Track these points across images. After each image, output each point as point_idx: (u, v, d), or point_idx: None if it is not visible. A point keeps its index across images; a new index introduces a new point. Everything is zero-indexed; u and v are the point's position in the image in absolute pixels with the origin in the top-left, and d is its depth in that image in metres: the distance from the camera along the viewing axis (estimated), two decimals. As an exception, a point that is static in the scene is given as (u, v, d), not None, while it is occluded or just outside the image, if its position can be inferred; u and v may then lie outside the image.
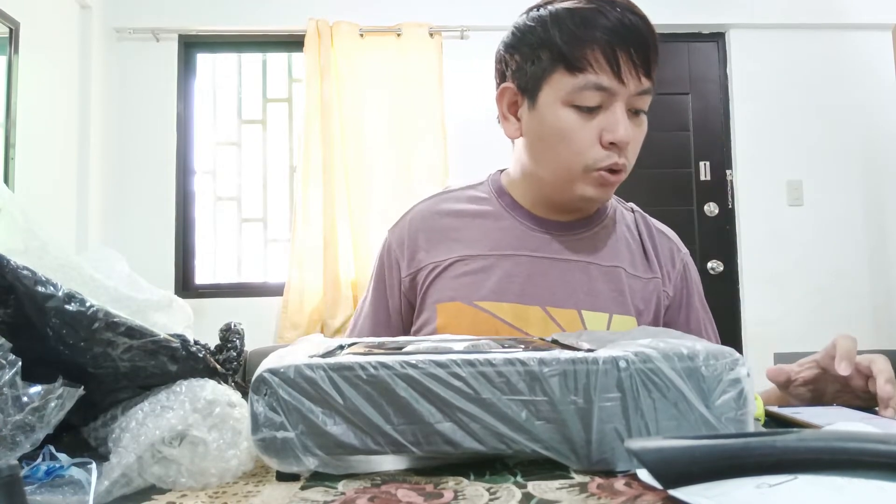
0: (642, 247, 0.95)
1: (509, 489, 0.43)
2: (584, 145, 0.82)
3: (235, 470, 0.47)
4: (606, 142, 0.82)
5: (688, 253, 0.99)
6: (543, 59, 0.83)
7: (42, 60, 2.67)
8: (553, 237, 0.92)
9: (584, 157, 0.83)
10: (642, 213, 1.00)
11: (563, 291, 0.89)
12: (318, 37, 3.12)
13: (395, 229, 0.98)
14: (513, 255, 0.90)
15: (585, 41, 0.80)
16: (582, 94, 0.81)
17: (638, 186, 3.30)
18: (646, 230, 0.97)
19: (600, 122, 0.82)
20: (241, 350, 0.60)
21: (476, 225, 0.93)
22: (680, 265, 0.96)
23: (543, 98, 0.84)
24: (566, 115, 0.82)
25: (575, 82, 0.81)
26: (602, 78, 0.80)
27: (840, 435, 0.37)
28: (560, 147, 0.84)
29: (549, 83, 0.83)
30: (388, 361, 0.46)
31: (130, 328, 0.49)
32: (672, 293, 0.95)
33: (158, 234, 3.12)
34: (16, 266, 0.46)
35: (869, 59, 3.31)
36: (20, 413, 0.44)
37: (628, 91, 0.81)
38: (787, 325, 3.16)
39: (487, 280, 0.89)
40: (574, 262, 0.91)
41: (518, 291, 0.89)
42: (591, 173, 0.83)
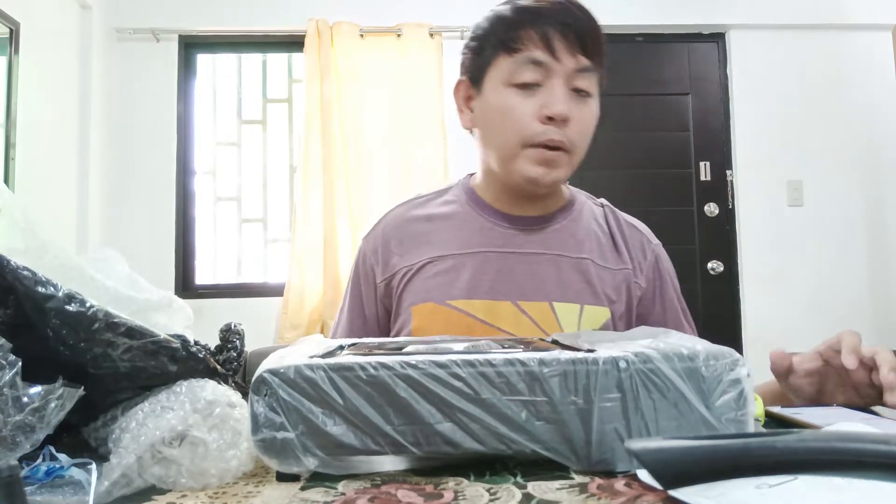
0: (612, 239, 0.97)
1: (509, 489, 0.43)
2: (523, 121, 0.85)
3: (235, 470, 0.47)
4: (544, 116, 0.84)
5: (660, 244, 1.00)
6: (487, 49, 0.89)
7: (42, 60, 2.67)
8: (520, 232, 0.94)
9: (523, 132, 0.86)
10: (612, 208, 1.02)
11: (532, 285, 0.91)
12: (318, 37, 3.11)
13: (369, 237, 1.00)
14: (482, 253, 0.92)
15: (519, 24, 0.86)
16: (520, 70, 0.85)
17: (638, 186, 3.32)
18: (615, 223, 0.98)
19: (539, 98, 0.85)
20: (241, 350, 0.60)
21: (446, 227, 0.96)
22: (651, 256, 0.98)
23: (488, 84, 0.89)
24: (508, 93, 0.87)
25: (512, 61, 0.86)
26: (536, 53, 0.85)
27: (840, 435, 0.37)
28: (502, 125, 0.88)
29: (493, 69, 0.88)
30: (388, 362, 0.46)
31: (130, 328, 0.49)
32: (644, 284, 0.96)
33: (158, 234, 3.12)
34: (16, 266, 0.46)
35: (869, 59, 3.31)
36: (20, 413, 0.44)
37: (565, 68, 0.85)
38: (787, 325, 3.16)
39: (458, 279, 0.91)
40: (542, 255, 0.93)
41: (488, 288, 0.91)
42: (530, 149, 0.86)
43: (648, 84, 3.30)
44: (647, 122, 3.29)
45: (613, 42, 2.87)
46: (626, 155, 3.27)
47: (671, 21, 3.28)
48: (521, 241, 0.93)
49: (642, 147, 3.29)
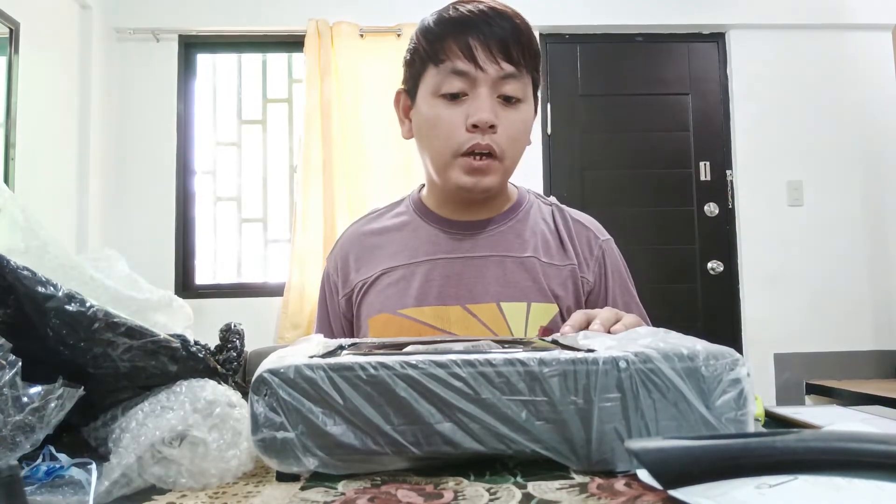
0: (558, 236, 0.98)
1: (509, 489, 0.43)
2: (451, 130, 0.87)
3: (235, 470, 0.47)
4: (469, 124, 0.86)
5: (610, 240, 1.01)
6: (417, 61, 0.92)
7: (42, 60, 2.67)
8: (466, 237, 0.96)
9: (451, 142, 0.88)
10: (560, 206, 1.03)
11: (479, 287, 0.93)
12: (318, 37, 3.12)
13: (331, 256, 1.04)
14: (430, 261, 0.95)
15: (442, 35, 0.88)
16: (444, 81, 0.87)
17: (638, 186, 3.32)
18: (562, 221, 1.00)
19: (465, 108, 0.87)
20: (241, 350, 0.60)
21: (397, 238, 0.98)
22: (598, 251, 0.99)
23: (420, 95, 0.92)
24: (436, 104, 0.89)
25: (438, 72, 0.88)
26: (458, 63, 0.86)
27: (840, 435, 0.37)
28: (433, 135, 0.90)
29: (423, 80, 0.91)
30: (388, 362, 0.46)
31: (130, 328, 0.49)
32: (592, 279, 0.97)
33: (158, 234, 3.12)
34: (16, 266, 0.46)
35: (869, 59, 3.31)
36: (20, 413, 0.44)
37: (488, 76, 0.86)
38: (787, 325, 3.16)
39: (409, 288, 0.94)
40: (488, 257, 0.95)
41: (437, 294, 0.93)
42: (459, 159, 0.88)
43: (648, 84, 3.30)
44: (647, 122, 3.29)
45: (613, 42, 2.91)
46: (626, 155, 3.27)
47: (671, 21, 3.28)
48: (469, 246, 0.95)
49: (642, 147, 3.29)
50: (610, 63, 3.32)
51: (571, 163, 3.25)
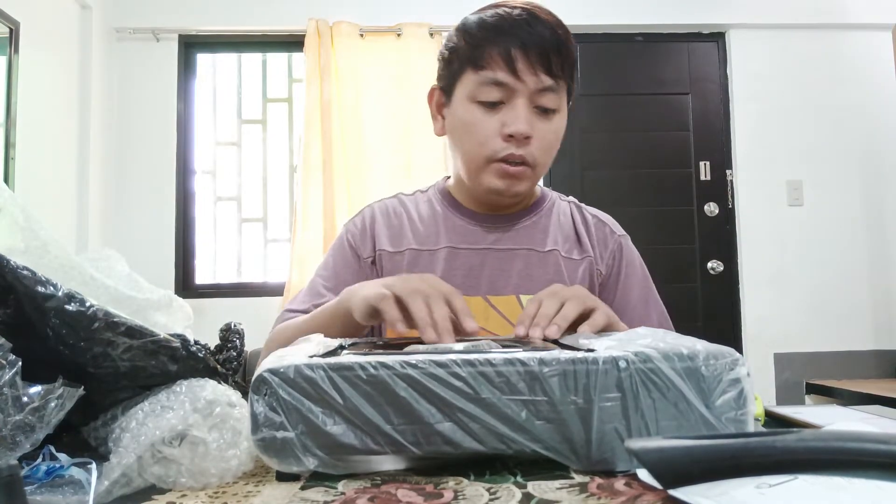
0: (575, 232, 1.01)
1: (509, 489, 0.43)
2: (485, 137, 0.89)
3: (235, 470, 0.47)
4: (505, 134, 0.88)
5: (626, 236, 1.04)
6: (455, 62, 0.92)
7: (42, 60, 2.67)
8: (491, 230, 0.99)
9: (485, 148, 0.89)
10: (578, 204, 1.06)
11: (501, 280, 0.96)
12: (318, 37, 3.11)
13: (355, 219, 1.04)
14: (453, 249, 0.97)
15: (485, 42, 0.88)
16: (483, 89, 0.88)
17: (638, 186, 3.32)
18: (580, 217, 1.03)
19: (502, 116, 0.88)
20: (241, 350, 0.60)
21: (422, 223, 1.01)
22: (614, 245, 1.01)
23: (456, 96, 0.93)
24: (472, 109, 0.90)
25: (477, 79, 0.89)
26: (499, 74, 0.87)
27: (840, 435, 0.37)
28: (466, 139, 0.92)
29: (461, 82, 0.92)
30: (388, 361, 0.46)
31: (130, 328, 0.49)
32: (604, 271, 1.00)
33: (158, 234, 3.12)
34: (16, 266, 0.46)
35: (869, 59, 3.31)
36: (20, 413, 0.44)
37: (528, 88, 0.87)
38: (787, 325, 3.16)
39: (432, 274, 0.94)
40: (513, 250, 0.97)
41: (460, 283, 0.94)
42: (493, 164, 0.90)
43: (648, 84, 3.30)
44: (647, 122, 3.29)
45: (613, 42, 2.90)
46: (626, 155, 3.27)
47: (671, 21, 3.27)
48: (493, 239, 0.98)
49: (642, 147, 3.28)
50: (610, 63, 3.32)
51: (571, 163, 3.25)
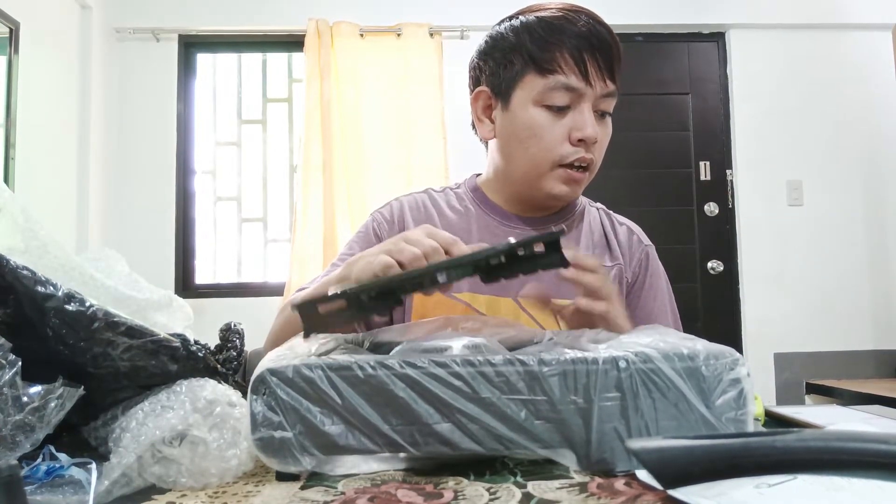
0: (605, 238, 1.01)
1: (509, 489, 0.43)
2: (554, 141, 0.88)
3: (235, 470, 0.47)
4: (575, 139, 0.87)
5: (652, 246, 1.04)
6: (516, 63, 0.89)
7: (42, 60, 2.67)
8: (523, 231, 0.97)
9: (553, 153, 0.88)
10: (606, 210, 1.06)
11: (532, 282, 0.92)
12: (318, 37, 3.11)
13: (384, 208, 1.04)
14: None
15: (554, 45, 0.86)
16: (552, 93, 0.87)
17: (638, 186, 3.31)
18: (609, 223, 1.03)
19: (569, 120, 0.88)
20: (241, 350, 0.60)
21: (453, 220, 0.99)
22: (641, 253, 1.02)
23: (516, 99, 0.90)
24: (537, 113, 0.88)
25: (545, 83, 0.87)
26: (570, 79, 0.86)
27: (840, 435, 0.37)
28: (531, 144, 0.89)
29: (522, 85, 0.89)
30: (386, 361, 0.46)
31: (130, 328, 0.49)
32: (631, 278, 1.00)
33: (158, 234, 3.12)
34: (15, 266, 0.46)
35: (869, 59, 3.30)
36: (20, 413, 0.44)
37: (595, 93, 0.88)
38: (787, 325, 3.16)
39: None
40: None
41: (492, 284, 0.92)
42: (559, 169, 0.89)
43: (648, 84, 3.30)
44: (647, 122, 3.29)
45: (613, 42, 2.78)
46: (626, 155, 3.27)
47: (671, 21, 3.27)
48: None
49: (642, 147, 3.28)
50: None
51: (571, 163, 3.25)
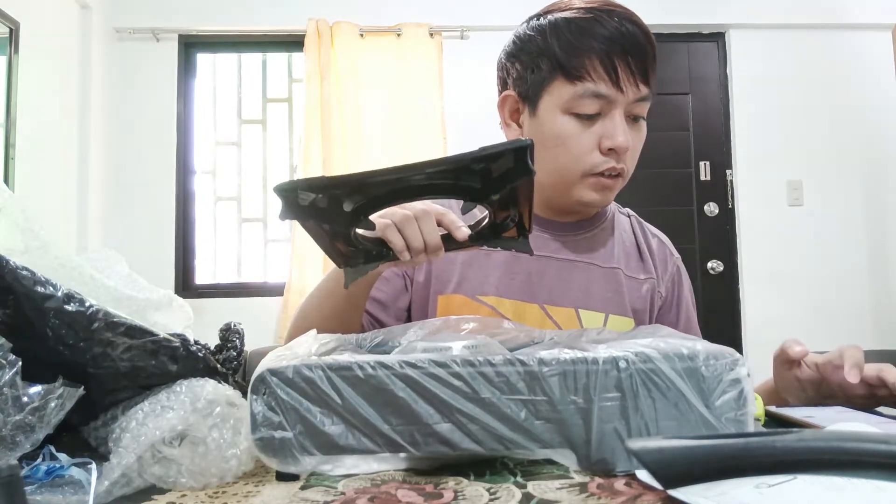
0: (637, 249, 0.97)
1: (509, 489, 0.43)
2: (582, 151, 0.84)
3: (235, 470, 0.47)
4: (605, 148, 0.83)
5: (680, 258, 1.01)
6: (543, 67, 0.84)
7: (42, 60, 2.67)
8: (553, 237, 0.93)
9: (582, 163, 0.84)
10: (638, 218, 1.03)
11: (560, 290, 0.91)
12: (318, 37, 3.11)
13: None
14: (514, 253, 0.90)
15: (583, 50, 0.81)
16: (581, 101, 0.82)
17: (638, 186, 3.30)
18: (641, 233, 0.99)
19: (599, 128, 0.83)
20: (241, 350, 0.60)
21: None
22: (673, 267, 0.99)
23: (543, 106, 0.86)
24: (566, 122, 0.84)
25: (574, 90, 0.82)
26: (600, 86, 0.81)
27: (840, 435, 0.37)
28: (559, 153, 0.85)
29: (549, 91, 0.84)
30: (386, 361, 0.46)
31: (130, 328, 0.49)
32: (664, 293, 0.97)
33: (158, 234, 3.12)
34: (15, 266, 0.46)
35: (869, 59, 3.31)
36: (20, 413, 0.44)
37: (627, 98, 0.83)
38: (787, 325, 3.16)
39: (490, 276, 0.90)
40: (573, 261, 0.93)
41: (518, 289, 0.90)
42: (590, 178, 0.85)
43: (648, 84, 3.30)
44: (648, 122, 3.29)
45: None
46: (626, 155, 3.27)
47: (671, 21, 3.27)
48: (555, 247, 0.93)
49: (642, 146, 3.28)
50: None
51: (571, 163, 3.25)
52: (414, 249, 0.64)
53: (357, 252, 0.65)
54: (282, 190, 0.57)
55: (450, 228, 0.65)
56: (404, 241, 0.64)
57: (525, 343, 0.64)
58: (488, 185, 0.58)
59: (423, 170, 0.56)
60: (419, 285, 0.92)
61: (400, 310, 0.93)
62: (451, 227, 0.64)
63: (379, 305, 0.91)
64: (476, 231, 0.65)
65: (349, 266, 0.66)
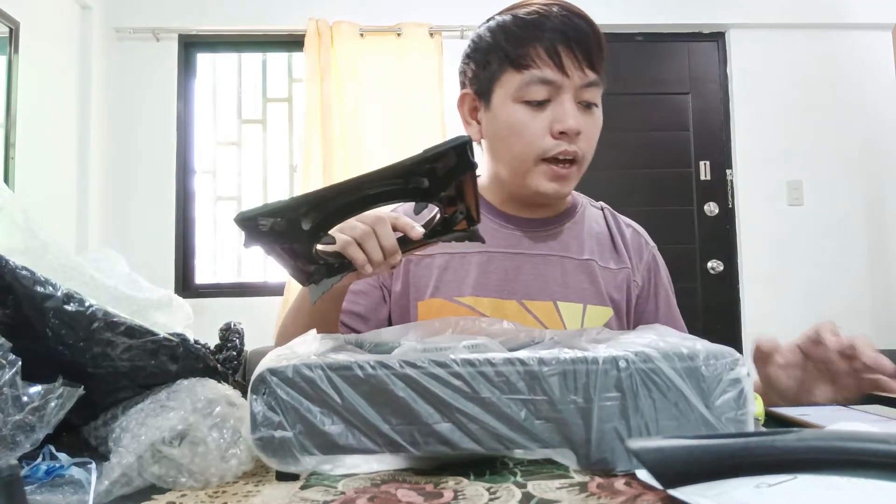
0: (611, 240, 1.00)
1: (509, 489, 0.43)
2: (535, 136, 0.87)
3: (235, 469, 0.47)
4: (556, 131, 0.86)
5: (656, 247, 1.03)
6: (493, 63, 0.89)
7: (42, 60, 2.67)
8: (525, 234, 0.96)
9: (535, 148, 0.87)
10: (611, 210, 1.05)
11: (537, 285, 0.93)
12: (318, 37, 3.11)
13: None
14: (487, 253, 0.94)
15: (528, 40, 0.86)
16: (529, 89, 0.86)
17: (638, 186, 3.31)
18: (615, 225, 1.02)
19: (549, 114, 0.87)
20: (241, 349, 0.60)
21: None
22: (648, 256, 1.01)
23: (496, 99, 0.90)
24: (517, 110, 0.88)
25: (522, 79, 0.86)
26: (546, 72, 0.85)
27: (840, 435, 0.37)
28: (513, 140, 0.88)
29: (500, 84, 0.89)
30: (386, 361, 0.46)
31: (130, 328, 0.49)
32: (641, 283, 0.99)
33: (158, 234, 3.12)
34: (14, 266, 0.46)
35: (869, 59, 3.30)
36: (20, 413, 0.44)
37: (574, 83, 0.86)
38: (787, 325, 3.14)
39: (467, 277, 0.93)
40: (548, 256, 0.95)
41: (495, 287, 0.93)
42: (543, 165, 0.88)
43: (648, 84, 3.30)
44: (647, 122, 3.29)
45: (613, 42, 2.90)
46: (626, 155, 3.27)
47: (671, 21, 3.27)
48: (528, 244, 0.96)
49: (642, 147, 3.28)
50: (610, 63, 3.30)
51: (571, 163, 3.25)
52: (375, 262, 0.66)
53: (319, 268, 0.67)
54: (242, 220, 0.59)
55: (405, 230, 0.67)
56: (365, 256, 0.66)
57: (525, 343, 0.64)
58: (436, 183, 0.61)
59: (374, 180, 0.59)
60: (397, 295, 0.95)
61: (381, 321, 0.95)
62: (405, 229, 0.67)
63: (359, 319, 0.94)
64: (429, 229, 0.68)
65: (313, 283, 0.68)
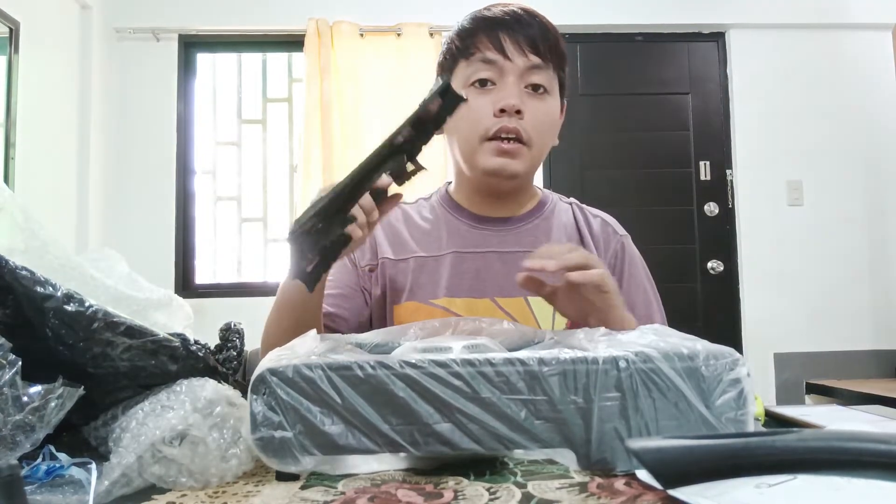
0: (578, 233, 1.02)
1: (509, 489, 0.43)
2: (479, 115, 0.91)
3: (235, 470, 0.47)
4: (497, 109, 0.90)
5: (627, 236, 1.05)
6: (449, 59, 0.97)
7: (42, 60, 2.67)
8: (494, 232, 0.99)
9: (479, 126, 0.91)
10: (580, 204, 1.07)
11: (509, 282, 0.94)
12: (318, 37, 3.11)
13: None
14: (458, 253, 0.97)
15: (473, 31, 0.94)
16: (474, 70, 0.93)
17: (638, 186, 3.32)
18: (582, 218, 1.04)
19: (494, 95, 0.91)
20: (241, 349, 0.60)
21: (425, 229, 1.01)
22: (617, 244, 1.02)
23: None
24: (466, 93, 0.91)
25: (468, 65, 0.93)
26: (487, 54, 0.92)
27: (840, 435, 0.37)
28: (462, 124, 0.92)
29: (455, 77, 0.95)
30: (386, 361, 0.46)
31: (130, 328, 0.49)
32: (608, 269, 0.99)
33: (158, 234, 3.12)
34: (14, 266, 0.46)
35: (869, 59, 3.30)
36: (20, 413, 0.44)
37: (517, 66, 0.91)
38: (787, 325, 3.16)
39: (440, 279, 0.96)
40: (517, 253, 0.96)
41: (468, 287, 0.95)
42: (487, 143, 0.92)
43: (648, 84, 3.30)
44: (647, 122, 3.29)
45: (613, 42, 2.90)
46: (626, 155, 3.27)
47: (671, 21, 3.27)
48: (497, 241, 0.98)
49: (642, 147, 3.28)
50: (610, 63, 3.31)
51: (571, 163, 3.25)
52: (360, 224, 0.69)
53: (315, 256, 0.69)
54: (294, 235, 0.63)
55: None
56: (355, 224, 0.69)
57: (525, 343, 0.64)
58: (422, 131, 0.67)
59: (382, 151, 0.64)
60: (377, 298, 0.97)
61: (362, 325, 0.97)
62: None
63: (342, 321, 0.96)
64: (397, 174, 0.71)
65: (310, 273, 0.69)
